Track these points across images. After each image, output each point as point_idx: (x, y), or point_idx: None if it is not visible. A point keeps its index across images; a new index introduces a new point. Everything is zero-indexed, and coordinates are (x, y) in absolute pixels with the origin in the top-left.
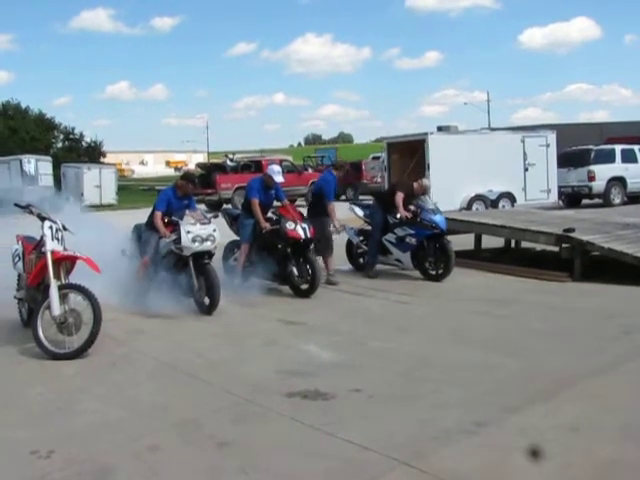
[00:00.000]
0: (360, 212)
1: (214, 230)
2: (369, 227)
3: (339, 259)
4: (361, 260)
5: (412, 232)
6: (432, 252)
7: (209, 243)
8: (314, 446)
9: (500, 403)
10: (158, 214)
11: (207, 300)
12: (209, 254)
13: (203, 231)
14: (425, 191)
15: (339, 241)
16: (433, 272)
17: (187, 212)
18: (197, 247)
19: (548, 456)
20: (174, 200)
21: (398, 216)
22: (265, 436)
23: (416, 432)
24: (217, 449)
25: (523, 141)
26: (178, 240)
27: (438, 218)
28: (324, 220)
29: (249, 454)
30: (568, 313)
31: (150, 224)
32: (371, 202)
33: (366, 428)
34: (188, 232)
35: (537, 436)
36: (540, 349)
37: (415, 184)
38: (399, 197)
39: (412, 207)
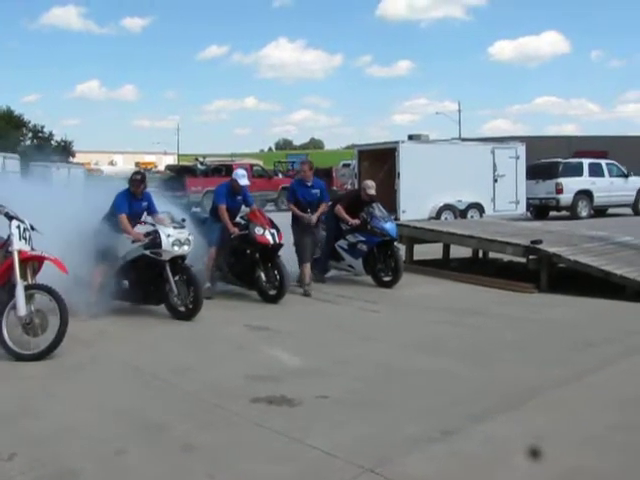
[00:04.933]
0: None
1: (189, 234)
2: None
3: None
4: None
5: (363, 239)
6: (382, 259)
7: (186, 247)
8: (280, 451)
9: (466, 412)
10: (124, 217)
11: (190, 305)
12: (182, 258)
13: (181, 235)
14: (372, 194)
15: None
16: (387, 279)
17: (154, 217)
18: (177, 251)
19: (513, 464)
20: (132, 201)
21: (350, 223)
22: (231, 441)
23: (382, 439)
24: (184, 453)
25: (493, 152)
26: (152, 244)
27: (388, 225)
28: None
29: (216, 459)
30: (533, 324)
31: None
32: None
33: (332, 434)
34: (169, 235)
35: (502, 444)
36: (506, 359)
37: (361, 192)
38: (338, 209)
39: (363, 214)
